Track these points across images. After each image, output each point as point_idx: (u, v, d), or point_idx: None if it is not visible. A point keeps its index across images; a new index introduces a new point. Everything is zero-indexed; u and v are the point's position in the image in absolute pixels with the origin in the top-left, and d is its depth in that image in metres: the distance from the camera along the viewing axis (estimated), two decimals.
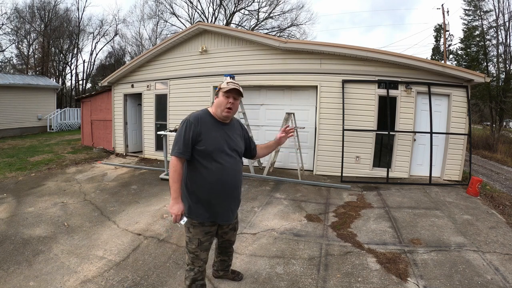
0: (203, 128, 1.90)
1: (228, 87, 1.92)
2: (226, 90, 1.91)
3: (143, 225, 3.77)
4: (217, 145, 1.90)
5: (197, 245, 1.96)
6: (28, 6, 23.95)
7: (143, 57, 8.33)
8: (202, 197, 1.92)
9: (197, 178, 1.91)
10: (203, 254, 1.99)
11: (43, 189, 5.33)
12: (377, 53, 5.97)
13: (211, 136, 1.90)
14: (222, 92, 1.93)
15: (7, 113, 14.33)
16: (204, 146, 1.87)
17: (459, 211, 4.36)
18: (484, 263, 2.88)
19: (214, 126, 1.95)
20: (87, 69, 29.23)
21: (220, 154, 1.90)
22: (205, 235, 1.98)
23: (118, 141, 9.39)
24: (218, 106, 1.94)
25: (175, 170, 1.86)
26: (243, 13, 26.20)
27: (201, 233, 1.96)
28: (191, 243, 1.97)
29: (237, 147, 2.03)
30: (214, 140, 1.90)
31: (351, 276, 2.66)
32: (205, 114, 1.98)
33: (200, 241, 1.96)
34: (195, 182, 1.93)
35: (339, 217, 4.11)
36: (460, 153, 6.11)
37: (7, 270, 2.69)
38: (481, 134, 14.79)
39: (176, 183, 1.86)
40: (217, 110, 1.96)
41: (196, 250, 1.96)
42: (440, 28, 19.82)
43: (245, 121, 6.75)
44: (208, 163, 1.89)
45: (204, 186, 1.90)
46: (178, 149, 1.87)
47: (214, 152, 1.89)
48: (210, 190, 1.90)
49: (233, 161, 1.97)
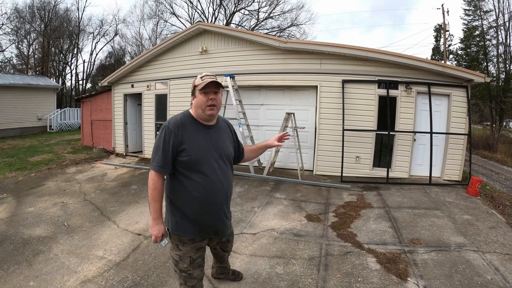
0: (185, 135, 1.63)
1: (204, 82, 1.63)
2: (202, 86, 1.63)
3: (143, 225, 3.77)
4: (202, 153, 1.64)
5: (189, 263, 1.73)
6: (28, 6, 24.01)
7: (143, 57, 8.34)
8: (188, 213, 1.69)
9: (180, 192, 1.67)
10: (196, 271, 1.78)
11: (43, 189, 5.33)
12: (377, 53, 5.97)
13: (195, 143, 1.64)
14: (199, 90, 1.65)
15: (7, 113, 14.33)
16: (188, 156, 1.61)
17: (459, 211, 4.36)
18: (484, 263, 2.88)
19: (197, 131, 1.68)
20: (87, 69, 29.29)
21: (207, 164, 1.65)
22: (197, 252, 1.76)
23: (118, 141, 9.39)
24: (198, 106, 1.67)
25: (155, 188, 1.61)
26: (243, 13, 26.25)
27: (192, 250, 1.74)
28: (182, 261, 1.74)
29: (227, 153, 1.78)
30: (198, 148, 1.64)
31: (351, 276, 2.66)
32: (186, 118, 1.70)
33: (192, 258, 1.73)
34: (178, 197, 1.68)
35: (339, 217, 4.11)
36: (460, 153, 6.11)
37: (7, 270, 2.69)
38: (481, 134, 14.79)
39: (157, 202, 1.63)
40: (198, 110, 1.68)
41: (188, 268, 1.74)
42: (440, 28, 19.83)
43: (245, 121, 6.76)
44: (193, 174, 1.63)
45: (189, 201, 1.66)
46: (157, 163, 1.61)
47: (199, 162, 1.63)
48: (197, 205, 1.66)
49: (222, 170, 1.71)
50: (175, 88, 7.98)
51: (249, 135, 6.77)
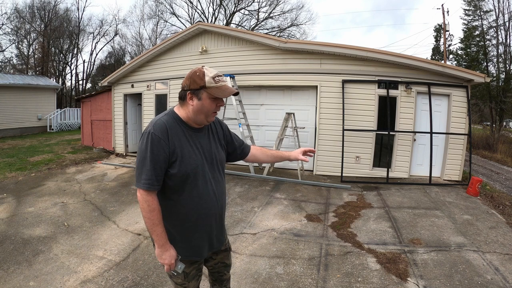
0: (175, 142, 1.34)
1: (224, 91, 1.35)
2: (221, 95, 1.35)
3: (143, 225, 3.77)
4: (194, 163, 1.37)
5: (183, 278, 1.53)
6: (28, 6, 24.01)
7: (143, 57, 8.34)
8: (177, 233, 1.44)
9: (167, 210, 1.41)
10: (192, 284, 1.59)
11: (43, 189, 5.33)
12: (377, 53, 5.97)
13: (187, 152, 1.36)
14: (209, 96, 1.34)
15: (7, 113, 14.33)
16: (177, 169, 1.33)
17: (459, 211, 4.36)
18: (484, 263, 2.88)
19: (187, 137, 1.39)
20: (87, 69, 29.29)
21: (199, 175, 1.39)
22: (191, 266, 1.54)
23: (118, 141, 9.39)
24: (202, 112, 1.37)
25: (151, 210, 1.31)
26: (243, 13, 26.27)
27: (186, 265, 1.54)
28: (175, 277, 1.54)
29: (219, 159, 1.52)
30: (190, 157, 1.36)
31: (351, 276, 2.66)
32: (173, 121, 1.38)
33: (186, 273, 1.53)
34: (164, 216, 1.40)
35: (339, 217, 4.11)
36: (460, 153, 6.11)
37: (7, 270, 2.69)
38: (481, 134, 14.79)
39: (158, 226, 1.34)
40: (198, 116, 1.38)
41: (183, 282, 1.55)
42: (440, 28, 19.83)
43: (245, 121, 6.76)
44: (182, 189, 1.37)
45: (178, 221, 1.42)
46: (147, 180, 1.29)
47: (191, 174, 1.36)
48: (186, 225, 1.43)
49: (216, 180, 1.47)
50: (175, 88, 7.98)
51: (249, 135, 6.77)
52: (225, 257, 1.74)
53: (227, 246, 1.75)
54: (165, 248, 1.38)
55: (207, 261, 1.70)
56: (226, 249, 1.74)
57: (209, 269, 1.76)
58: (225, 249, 1.72)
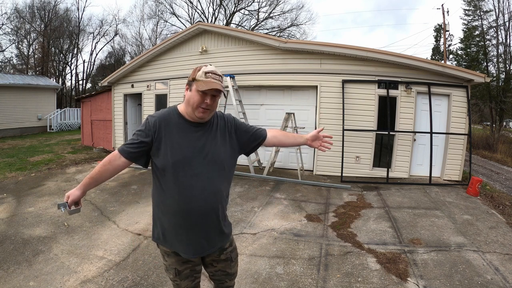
0: (165, 133, 1.41)
1: (206, 83, 1.36)
2: (203, 89, 1.36)
3: (143, 225, 3.77)
4: (180, 156, 1.39)
5: (174, 274, 1.56)
6: (28, 6, 24.01)
7: (143, 57, 8.34)
8: (164, 224, 1.48)
9: (157, 200, 1.49)
10: (184, 283, 1.58)
11: (43, 189, 5.33)
12: (377, 53, 5.97)
13: (173, 144, 1.40)
14: (196, 88, 1.38)
15: (7, 113, 14.32)
16: (164, 157, 1.38)
17: (459, 211, 4.36)
18: (484, 263, 2.88)
19: (180, 131, 1.44)
20: (87, 69, 29.29)
21: (186, 170, 1.39)
22: (183, 265, 1.55)
23: (118, 141, 9.39)
24: (190, 104, 1.41)
25: (104, 164, 1.41)
26: (243, 13, 26.27)
27: (178, 262, 1.54)
28: (168, 272, 1.59)
29: (218, 157, 1.47)
30: (176, 150, 1.39)
31: (351, 276, 2.66)
32: (172, 114, 1.48)
33: (177, 270, 1.55)
34: (156, 204, 1.50)
35: (339, 217, 4.11)
36: (460, 153, 6.11)
37: (7, 270, 2.69)
38: (481, 134, 14.79)
39: (91, 178, 1.43)
40: (188, 108, 1.44)
41: (175, 279, 1.58)
42: (440, 28, 19.84)
43: (245, 121, 6.76)
44: (167, 182, 1.40)
45: (164, 212, 1.46)
46: (124, 144, 1.44)
47: (176, 167, 1.38)
48: (171, 218, 1.45)
49: (206, 178, 1.43)
50: (175, 88, 7.98)
51: None
52: (227, 267, 1.67)
53: (229, 256, 1.66)
54: (76, 188, 1.45)
55: (207, 266, 1.67)
56: (227, 259, 1.65)
57: (209, 275, 1.73)
58: (226, 259, 1.64)
